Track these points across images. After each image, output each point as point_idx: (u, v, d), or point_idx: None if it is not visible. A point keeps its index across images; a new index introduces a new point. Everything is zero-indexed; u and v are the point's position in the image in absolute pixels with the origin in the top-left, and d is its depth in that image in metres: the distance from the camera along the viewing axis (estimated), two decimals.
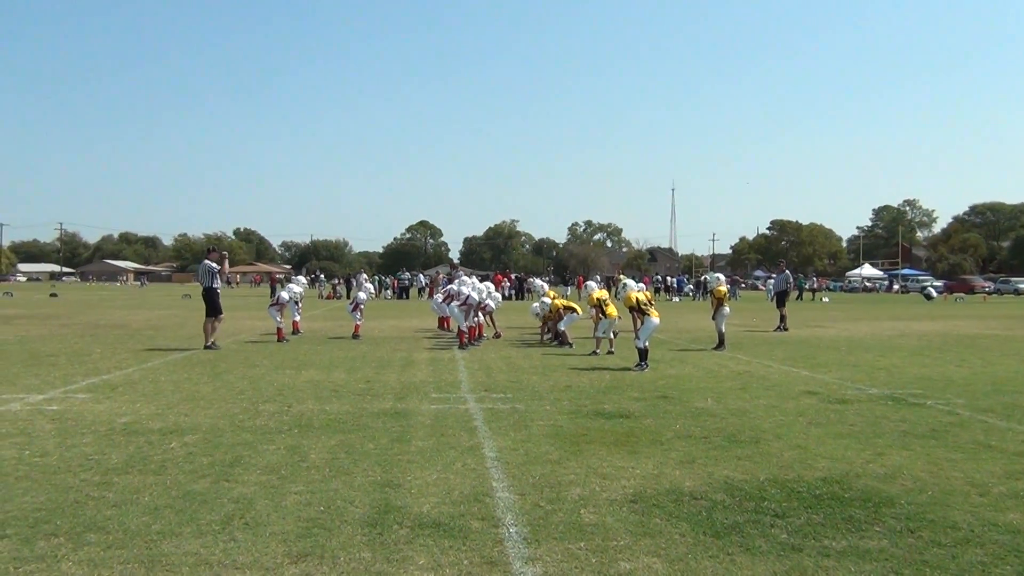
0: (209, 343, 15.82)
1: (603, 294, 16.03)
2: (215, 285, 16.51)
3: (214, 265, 16.62)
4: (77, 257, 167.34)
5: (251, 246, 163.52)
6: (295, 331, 18.92)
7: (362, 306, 19.00)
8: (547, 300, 17.80)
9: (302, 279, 21.12)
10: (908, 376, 12.02)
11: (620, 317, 15.68)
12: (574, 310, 17.00)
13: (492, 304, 18.78)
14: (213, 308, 16.26)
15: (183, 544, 4.47)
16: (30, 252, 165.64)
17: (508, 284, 50.25)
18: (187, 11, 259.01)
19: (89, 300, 44.78)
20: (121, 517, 4.93)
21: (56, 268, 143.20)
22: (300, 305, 19.59)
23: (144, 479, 5.82)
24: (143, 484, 5.69)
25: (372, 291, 20.54)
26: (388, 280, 59.69)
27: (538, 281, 23.17)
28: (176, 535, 4.61)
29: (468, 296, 16.67)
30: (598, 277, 46.50)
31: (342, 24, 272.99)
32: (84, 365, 12.85)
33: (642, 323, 13.05)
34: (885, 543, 4.57)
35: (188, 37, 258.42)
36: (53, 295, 53.02)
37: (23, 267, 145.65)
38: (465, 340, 16.25)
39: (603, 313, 15.25)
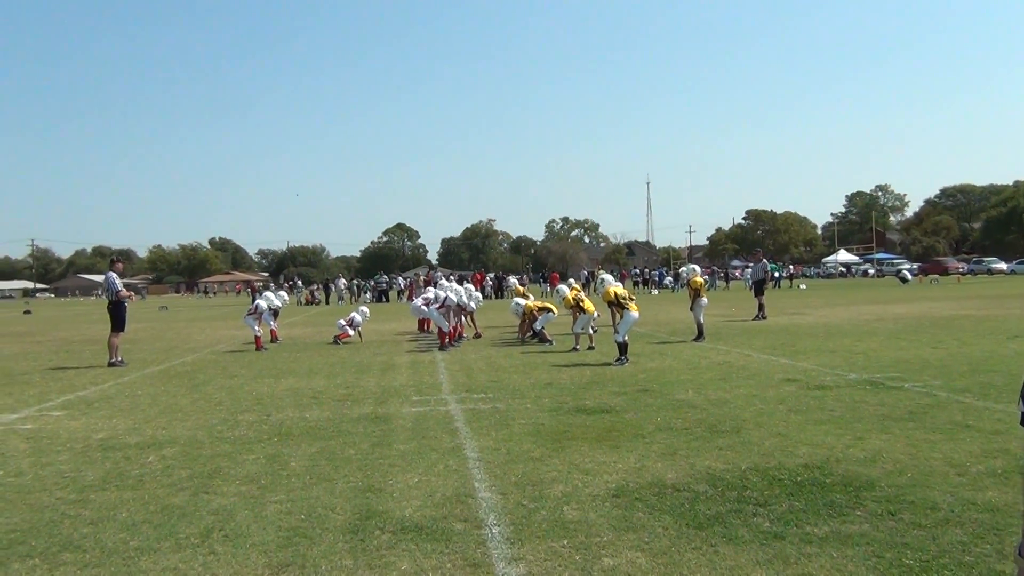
0: (116, 359, 15.00)
1: (576, 293, 16.00)
2: (122, 299, 15.61)
3: (116, 278, 15.68)
4: (50, 272, 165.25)
5: (227, 255, 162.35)
6: (273, 339, 18.77)
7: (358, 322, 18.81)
8: (520, 302, 17.80)
9: (284, 295, 20.90)
10: (885, 360, 12.12)
11: (599, 314, 15.69)
12: (549, 310, 17.00)
13: (472, 305, 18.75)
14: (119, 323, 15.38)
15: (162, 559, 4.40)
16: (1, 269, 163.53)
17: (488, 283, 50.28)
18: (158, 22, 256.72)
19: (63, 316, 44.26)
20: (98, 534, 4.86)
21: (29, 284, 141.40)
22: (277, 315, 19.45)
23: (121, 495, 5.74)
24: (120, 500, 5.61)
25: (285, 299, 20.39)
26: (367, 284, 59.49)
27: (511, 279, 23.12)
28: (154, 551, 4.55)
29: (446, 298, 16.61)
30: (582, 274, 46.47)
31: (314, 30, 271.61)
32: (59, 382, 12.68)
33: (621, 317, 13.07)
34: (866, 527, 4.59)
35: (158, 47, 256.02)
36: (27, 312, 52.33)
37: None
38: (446, 341, 16.20)
39: (581, 310, 15.26)
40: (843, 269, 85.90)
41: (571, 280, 23.94)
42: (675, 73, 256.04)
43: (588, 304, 15.40)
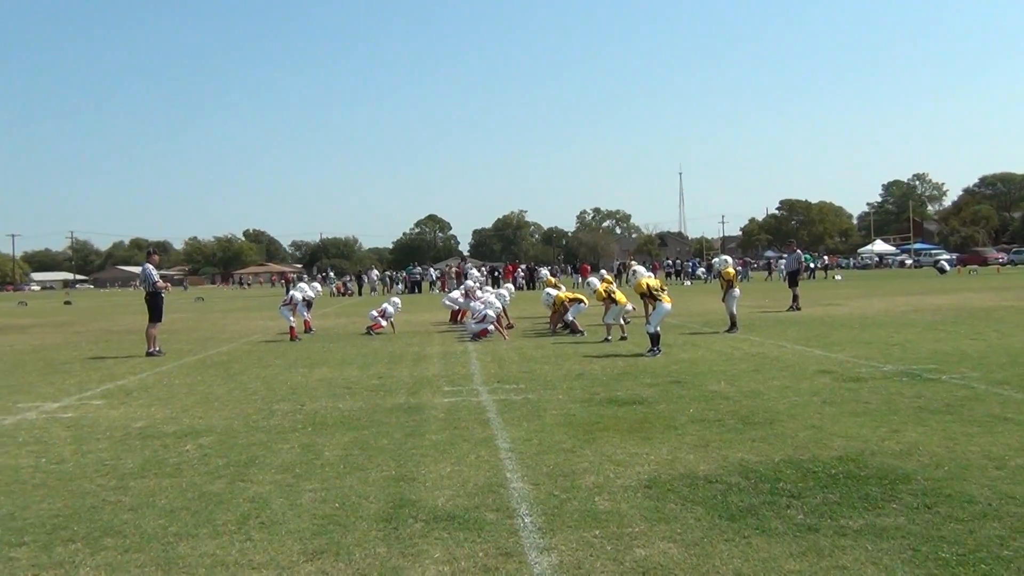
0: (154, 349, 15.28)
1: (607, 285, 15.95)
2: (158, 290, 15.83)
3: (152, 269, 16.00)
4: (89, 264, 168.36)
5: (261, 247, 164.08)
6: (307, 330, 18.94)
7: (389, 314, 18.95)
8: (551, 293, 17.79)
9: (317, 286, 21.12)
10: (922, 351, 11.95)
11: (633, 306, 15.64)
12: (580, 300, 16.96)
13: (506, 296, 18.81)
14: (156, 313, 15.62)
15: (199, 545, 4.48)
16: (43, 261, 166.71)
17: (520, 275, 50.34)
18: (190, 17, 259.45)
19: (102, 307, 45.04)
20: (137, 520, 4.96)
21: (69, 276, 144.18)
22: (311, 306, 19.64)
23: (160, 482, 5.85)
24: (159, 487, 5.71)
25: (319, 291, 20.57)
26: (400, 275, 59.85)
27: (543, 270, 23.20)
28: (192, 536, 4.63)
29: (486, 316, 16.47)
30: (613, 265, 46.24)
31: (343, 23, 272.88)
32: (99, 371, 12.92)
33: (653, 308, 13.02)
34: (902, 520, 4.54)
35: (192, 42, 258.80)
36: (67, 303, 53.29)
37: (37, 276, 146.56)
38: (486, 332, 16.19)
39: (613, 301, 15.23)
40: (878, 259, 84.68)
41: (603, 272, 23.89)
42: (708, 61, 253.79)
43: (620, 295, 15.36)
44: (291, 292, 19.66)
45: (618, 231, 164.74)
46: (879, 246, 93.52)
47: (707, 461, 5.96)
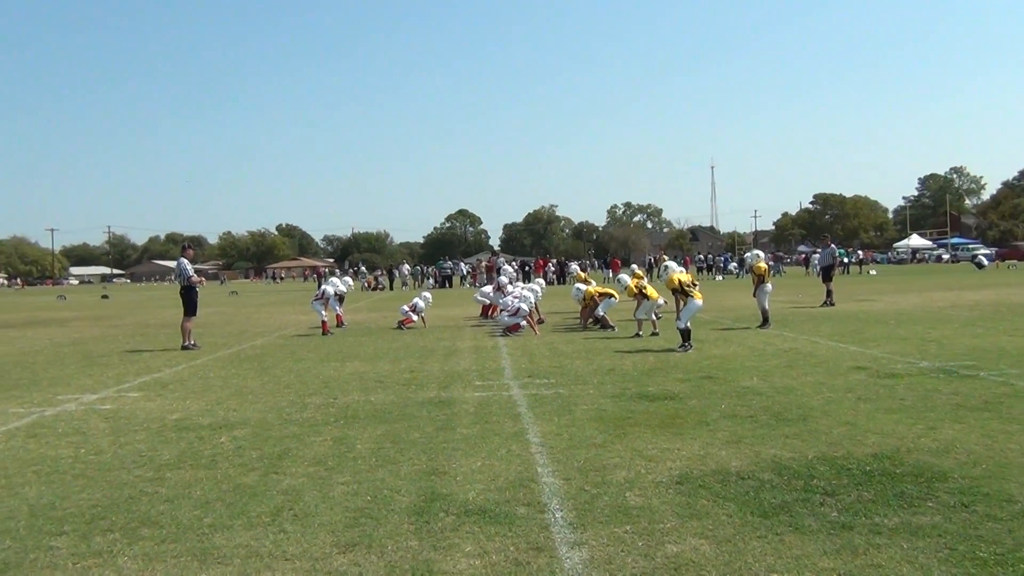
0: (189, 343, 15.44)
1: (638, 281, 15.87)
2: (193, 284, 15.90)
3: (187, 264, 16.08)
4: (126, 259, 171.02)
5: (294, 241, 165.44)
6: (339, 324, 19.07)
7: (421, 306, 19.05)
8: (581, 287, 17.74)
9: (349, 280, 21.26)
10: (960, 348, 11.76)
11: (665, 300, 15.57)
12: (611, 295, 16.91)
13: (539, 292, 18.83)
14: (191, 307, 15.71)
15: (234, 536, 4.55)
16: (80, 256, 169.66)
17: (550, 269, 50.29)
18: (226, 12, 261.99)
19: (139, 300, 45.72)
20: (174, 511, 5.03)
21: (107, 270, 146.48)
22: (343, 300, 19.77)
23: (195, 474, 5.94)
24: (194, 479, 5.80)
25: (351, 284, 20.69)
26: (430, 270, 60.08)
27: (573, 265, 23.19)
28: (227, 528, 4.69)
29: (519, 309, 16.45)
30: (645, 259, 46.04)
31: (373, 17, 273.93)
32: (135, 364, 13.13)
33: (684, 304, 12.94)
34: (939, 519, 4.48)
35: (224, 36, 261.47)
36: (105, 297, 54.21)
37: (75, 270, 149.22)
38: (517, 327, 16.20)
39: (644, 297, 15.16)
40: (915, 255, 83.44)
41: (633, 267, 23.77)
42: (741, 53, 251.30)
43: (651, 291, 15.29)
44: (323, 286, 19.80)
45: (649, 225, 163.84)
46: (915, 241, 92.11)
47: (739, 457, 5.92)
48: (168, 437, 7.26)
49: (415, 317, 18.63)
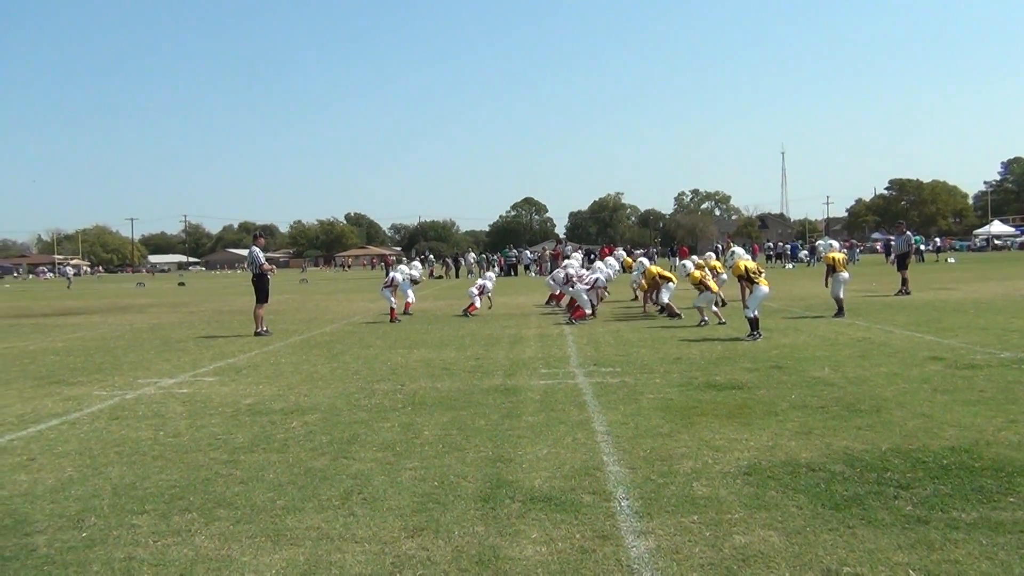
0: (261, 329, 15.78)
1: (702, 274, 15.57)
2: (265, 272, 16.23)
3: (259, 252, 16.48)
4: (201, 247, 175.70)
5: (362, 230, 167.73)
6: (406, 311, 19.28)
7: (488, 287, 19.34)
8: (644, 261, 17.67)
9: (417, 264, 21.56)
10: None
11: (718, 294, 15.34)
12: (669, 279, 16.72)
13: (616, 267, 18.89)
14: (263, 294, 16.05)
15: (306, 519, 4.66)
16: (158, 244, 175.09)
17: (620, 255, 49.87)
18: (300, 14, 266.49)
19: (213, 288, 46.96)
20: (248, 493, 5.18)
21: (183, 258, 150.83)
22: (416, 283, 20.02)
23: (268, 457, 6.09)
24: (267, 462, 5.95)
25: (420, 271, 20.91)
26: (495, 257, 60.32)
27: (619, 250, 23.07)
28: (299, 510, 4.81)
29: (597, 279, 16.41)
30: (717, 247, 45.36)
31: (438, 11, 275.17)
32: (210, 350, 13.51)
33: (751, 292, 12.73)
34: (1020, 515, 4.33)
35: (297, 28, 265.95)
36: (181, 284, 55.88)
37: (152, 258, 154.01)
38: (582, 314, 16.18)
39: (705, 287, 14.97)
40: (997, 242, 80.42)
41: (694, 257, 23.47)
42: (812, 35, 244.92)
43: (712, 284, 15.09)
44: (392, 274, 20.05)
45: (717, 213, 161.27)
46: (996, 227, 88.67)
47: (809, 448, 5.81)
48: (242, 421, 7.47)
49: (477, 303, 18.75)
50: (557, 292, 20.11)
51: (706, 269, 16.50)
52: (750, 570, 3.77)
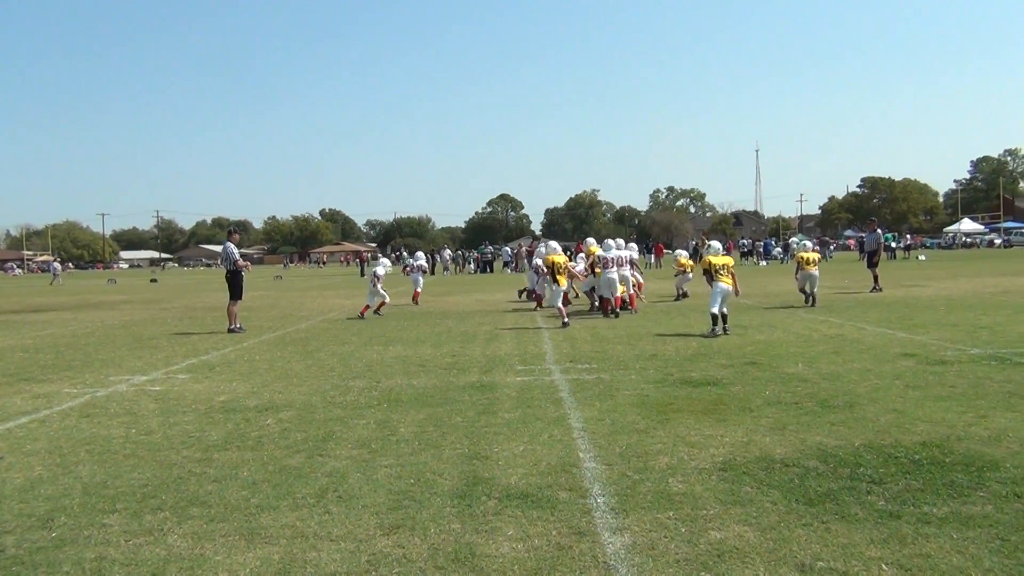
0: (235, 326, 15.64)
1: (560, 259, 15.76)
2: (239, 268, 16.06)
3: (233, 248, 16.30)
4: (174, 243, 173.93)
5: (337, 226, 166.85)
6: (376, 311, 18.96)
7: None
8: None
9: (385, 261, 21.45)
10: (1012, 334, 11.48)
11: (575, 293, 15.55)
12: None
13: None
14: (237, 291, 15.86)
15: (280, 517, 4.62)
16: (130, 240, 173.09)
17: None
18: (275, 5, 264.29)
19: (186, 284, 46.53)
20: (221, 491, 5.13)
21: (155, 254, 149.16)
22: (425, 272, 19.90)
23: (242, 455, 6.04)
24: (241, 460, 5.90)
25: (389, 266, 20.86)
26: (471, 254, 60.24)
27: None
28: (273, 508, 4.77)
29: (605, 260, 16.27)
30: (690, 244, 45.45)
31: (415, 1, 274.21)
32: (183, 346, 13.37)
33: (712, 288, 12.86)
34: (990, 509, 4.38)
35: (272, 25, 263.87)
36: (153, 280, 55.27)
37: (124, 254, 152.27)
38: (610, 308, 16.18)
39: (555, 280, 15.42)
40: (966, 239, 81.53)
41: (679, 253, 23.50)
42: (785, 33, 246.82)
43: (561, 279, 15.46)
44: (375, 269, 19.64)
45: (692, 210, 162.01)
46: (966, 225, 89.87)
47: (784, 444, 5.85)
48: (215, 418, 7.40)
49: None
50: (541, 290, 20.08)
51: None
52: (725, 565, 3.79)
